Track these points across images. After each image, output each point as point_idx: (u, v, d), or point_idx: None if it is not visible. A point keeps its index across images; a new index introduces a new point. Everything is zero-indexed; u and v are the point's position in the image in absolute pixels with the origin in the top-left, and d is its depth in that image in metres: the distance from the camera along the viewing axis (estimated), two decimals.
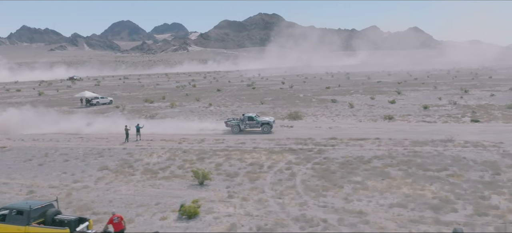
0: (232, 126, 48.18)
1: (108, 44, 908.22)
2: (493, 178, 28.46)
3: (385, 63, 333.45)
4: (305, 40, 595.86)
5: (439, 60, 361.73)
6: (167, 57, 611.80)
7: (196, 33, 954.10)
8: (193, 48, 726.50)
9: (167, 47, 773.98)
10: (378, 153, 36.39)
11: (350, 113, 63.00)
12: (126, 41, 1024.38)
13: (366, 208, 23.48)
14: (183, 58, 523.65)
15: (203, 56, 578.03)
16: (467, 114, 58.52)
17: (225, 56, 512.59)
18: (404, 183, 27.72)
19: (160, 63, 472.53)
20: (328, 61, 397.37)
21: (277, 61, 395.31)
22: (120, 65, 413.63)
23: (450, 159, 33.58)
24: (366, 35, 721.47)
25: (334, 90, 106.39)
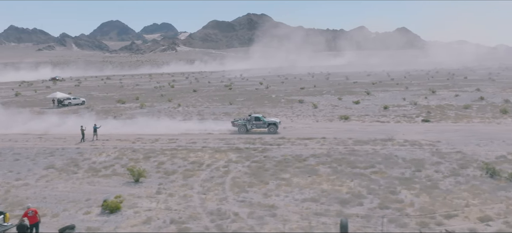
0: (239, 127, 48.29)
1: (97, 44, 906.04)
2: (412, 175, 30.26)
3: (371, 63, 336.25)
4: (293, 40, 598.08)
5: (423, 61, 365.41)
6: (155, 57, 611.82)
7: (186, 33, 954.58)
8: (182, 48, 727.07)
9: (156, 47, 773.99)
10: (317, 151, 38.10)
11: (311, 113, 64.74)
12: (115, 41, 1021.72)
13: (280, 203, 25.13)
14: (171, 58, 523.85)
15: (191, 56, 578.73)
16: (422, 114, 60.49)
17: (213, 57, 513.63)
18: (327, 180, 29.42)
19: (147, 63, 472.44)
20: (314, 61, 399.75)
21: (263, 61, 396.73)
22: (106, 65, 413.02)
23: (382, 157, 35.36)
24: (354, 35, 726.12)
25: (308, 90, 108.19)
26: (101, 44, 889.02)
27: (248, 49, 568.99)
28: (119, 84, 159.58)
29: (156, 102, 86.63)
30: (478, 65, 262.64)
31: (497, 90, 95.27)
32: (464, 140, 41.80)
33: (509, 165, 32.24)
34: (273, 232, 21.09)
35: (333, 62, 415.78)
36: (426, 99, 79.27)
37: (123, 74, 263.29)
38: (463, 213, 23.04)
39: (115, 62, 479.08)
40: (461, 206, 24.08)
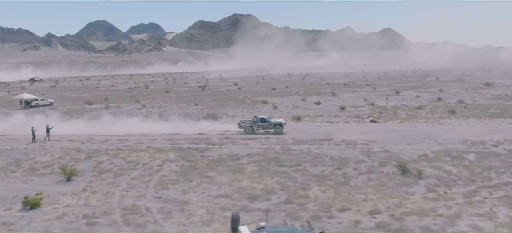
0: (245, 128, 48.82)
1: (83, 44, 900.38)
2: (331, 172, 32.12)
3: (353, 64, 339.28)
4: (278, 41, 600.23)
5: (405, 61, 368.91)
6: (141, 57, 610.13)
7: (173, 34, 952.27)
8: (168, 48, 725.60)
9: (142, 47, 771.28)
10: (255, 151, 39.82)
11: (269, 114, 66.37)
12: (101, 41, 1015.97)
13: (193, 199, 26.80)
14: (155, 58, 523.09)
15: (177, 56, 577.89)
16: (374, 115, 62.50)
17: (197, 57, 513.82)
18: (249, 177, 31.14)
19: (132, 63, 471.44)
20: (298, 62, 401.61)
21: (247, 62, 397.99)
22: (90, 66, 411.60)
23: (312, 156, 37.18)
24: (340, 36, 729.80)
25: (279, 91, 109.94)
26: (87, 44, 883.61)
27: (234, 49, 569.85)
28: (96, 85, 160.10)
29: (124, 103, 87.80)
30: (457, 66, 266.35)
31: (460, 91, 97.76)
32: (399, 139, 43.77)
33: (426, 163, 34.19)
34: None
35: (317, 62, 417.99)
36: (386, 100, 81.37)
37: (104, 75, 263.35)
38: (357, 207, 24.86)
39: (99, 63, 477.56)
40: (359, 201, 25.92)
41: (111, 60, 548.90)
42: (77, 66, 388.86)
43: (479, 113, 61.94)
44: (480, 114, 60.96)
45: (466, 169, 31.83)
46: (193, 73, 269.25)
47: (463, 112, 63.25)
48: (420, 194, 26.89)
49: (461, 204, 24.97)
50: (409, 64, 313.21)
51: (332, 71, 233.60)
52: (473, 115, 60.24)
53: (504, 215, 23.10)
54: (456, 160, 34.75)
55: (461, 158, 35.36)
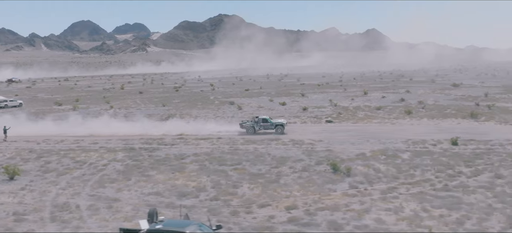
0: (247, 128, 49.43)
1: (67, 44, 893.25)
2: (267, 171, 33.55)
3: (335, 64, 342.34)
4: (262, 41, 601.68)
5: (386, 62, 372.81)
6: (126, 58, 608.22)
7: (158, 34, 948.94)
8: (153, 49, 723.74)
9: (126, 47, 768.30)
10: (203, 150, 41.17)
11: (231, 114, 67.79)
12: (86, 41, 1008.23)
13: (125, 196, 28.02)
14: (138, 59, 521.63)
15: (162, 57, 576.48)
16: (333, 115, 64.13)
17: (181, 58, 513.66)
18: (186, 176, 32.43)
19: (116, 64, 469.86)
20: (281, 62, 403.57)
21: (230, 62, 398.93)
22: (72, 66, 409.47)
23: (255, 155, 38.59)
24: (324, 36, 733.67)
25: (252, 92, 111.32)
26: (71, 45, 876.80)
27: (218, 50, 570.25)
28: (72, 86, 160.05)
29: (93, 104, 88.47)
30: (436, 67, 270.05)
31: (427, 92, 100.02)
32: (346, 139, 45.37)
33: (361, 161, 35.79)
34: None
35: (300, 63, 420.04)
36: (351, 101, 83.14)
37: (84, 76, 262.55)
38: (277, 203, 26.26)
39: (82, 63, 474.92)
40: (282, 197, 27.32)
41: (95, 61, 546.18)
42: (59, 67, 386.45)
43: (434, 113, 63.87)
44: (434, 114, 62.89)
45: (394, 167, 33.44)
46: (174, 73, 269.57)
47: (419, 112, 65.14)
48: (342, 191, 28.36)
49: (375, 199, 26.49)
50: (390, 65, 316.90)
51: (312, 72, 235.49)
52: (428, 115, 62.13)
53: (410, 210, 24.63)
54: (390, 158, 36.36)
55: (395, 156, 36.99)
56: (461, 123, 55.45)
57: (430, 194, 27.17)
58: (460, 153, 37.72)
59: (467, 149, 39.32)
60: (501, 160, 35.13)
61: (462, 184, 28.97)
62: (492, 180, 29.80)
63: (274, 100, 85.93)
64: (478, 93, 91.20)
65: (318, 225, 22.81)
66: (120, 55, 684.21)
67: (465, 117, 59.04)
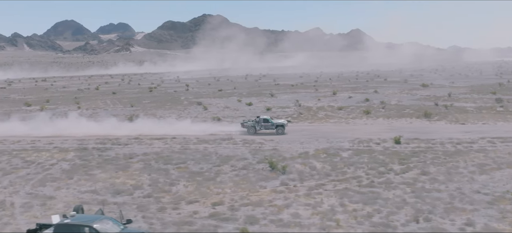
0: (248, 128, 50.19)
1: (50, 44, 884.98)
2: (208, 169, 34.75)
3: (317, 65, 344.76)
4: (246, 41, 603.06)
5: (368, 62, 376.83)
6: (109, 58, 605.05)
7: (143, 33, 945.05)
8: (136, 49, 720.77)
9: (110, 47, 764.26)
10: (153, 150, 42.22)
11: (195, 115, 68.88)
12: (69, 41, 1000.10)
13: (61, 194, 29.07)
14: (121, 59, 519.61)
15: (146, 57, 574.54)
16: (294, 115, 65.51)
17: (163, 58, 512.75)
18: (128, 174, 33.52)
19: (98, 64, 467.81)
20: (263, 62, 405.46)
21: (213, 62, 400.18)
22: (53, 66, 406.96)
23: (202, 154, 39.77)
24: (308, 36, 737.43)
25: (225, 92, 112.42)
26: (54, 45, 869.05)
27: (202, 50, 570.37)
28: (48, 87, 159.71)
29: (63, 105, 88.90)
30: (415, 67, 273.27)
31: (395, 92, 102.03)
32: (297, 138, 46.72)
33: (301, 160, 37.19)
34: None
35: (283, 63, 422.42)
36: (318, 101, 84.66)
37: (64, 76, 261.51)
38: (206, 200, 27.48)
39: (64, 63, 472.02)
40: (212, 194, 28.56)
41: (77, 61, 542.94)
42: (39, 67, 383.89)
43: (392, 113, 65.57)
44: (392, 114, 64.59)
45: (330, 165, 34.87)
46: (155, 74, 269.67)
47: (378, 112, 66.82)
48: (272, 188, 29.69)
49: (300, 196, 27.85)
50: (371, 65, 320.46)
51: (292, 72, 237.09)
52: (385, 115, 63.82)
53: (328, 205, 26.03)
54: (330, 157, 37.81)
55: (335, 155, 38.45)
56: (414, 122, 57.16)
57: (353, 190, 28.59)
58: (399, 152, 39.28)
59: (408, 148, 40.91)
60: (434, 158, 36.74)
61: (387, 181, 30.44)
62: (417, 176, 31.34)
63: (242, 101, 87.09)
64: (443, 93, 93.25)
65: (236, 220, 24.07)
66: (103, 55, 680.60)
67: (419, 117, 60.78)
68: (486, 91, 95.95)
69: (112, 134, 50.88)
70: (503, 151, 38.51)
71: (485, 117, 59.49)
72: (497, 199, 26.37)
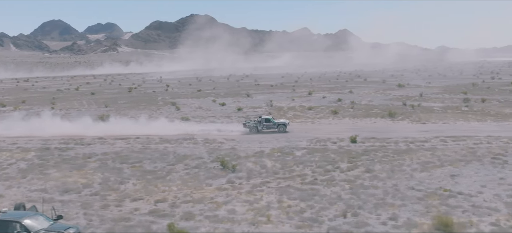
0: (250, 127, 50.87)
1: (37, 44, 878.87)
2: (162, 168, 35.64)
3: (303, 65, 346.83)
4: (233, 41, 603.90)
5: (354, 62, 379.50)
6: (96, 58, 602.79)
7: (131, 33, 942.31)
8: (124, 49, 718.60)
9: (98, 47, 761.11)
10: (114, 150, 43.04)
11: (167, 114, 69.73)
12: (57, 41, 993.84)
13: (11, 192, 29.84)
14: (108, 59, 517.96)
15: (133, 57, 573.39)
16: (262, 115, 66.37)
17: (150, 58, 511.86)
18: (82, 174, 34.31)
19: (85, 64, 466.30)
20: (250, 62, 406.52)
21: (200, 62, 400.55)
22: (38, 66, 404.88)
23: (160, 154, 40.66)
24: (296, 36, 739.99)
25: (203, 93, 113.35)
26: (41, 44, 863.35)
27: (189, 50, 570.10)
28: (29, 87, 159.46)
29: (38, 105, 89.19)
30: (399, 67, 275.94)
31: (370, 92, 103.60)
32: (257, 138, 47.80)
33: (255, 158, 38.23)
34: None
35: (270, 63, 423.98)
36: (292, 101, 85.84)
37: (47, 76, 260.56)
38: (150, 197, 28.37)
39: (50, 63, 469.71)
40: (158, 192, 29.46)
41: (63, 61, 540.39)
42: (25, 67, 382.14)
43: (359, 113, 66.89)
44: (358, 114, 65.89)
45: (281, 164, 35.93)
46: (139, 74, 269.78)
47: (346, 112, 68.14)
48: (217, 185, 30.65)
49: (242, 193, 28.85)
50: (356, 65, 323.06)
51: (277, 72, 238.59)
52: (352, 115, 65.11)
53: (265, 201, 27.05)
54: (284, 156, 38.90)
55: (289, 154, 39.54)
56: (377, 122, 58.50)
57: (295, 188, 29.63)
58: (352, 150, 40.47)
59: (362, 147, 42.13)
60: (384, 156, 37.96)
61: (330, 178, 31.56)
62: (361, 174, 32.49)
63: (216, 101, 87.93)
64: (416, 93, 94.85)
65: (173, 216, 24.99)
66: (90, 55, 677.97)
67: (384, 116, 62.10)
68: (458, 91, 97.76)
69: (81, 134, 51.36)
70: (451, 150, 39.82)
71: (448, 117, 60.98)
72: (428, 195, 27.51)
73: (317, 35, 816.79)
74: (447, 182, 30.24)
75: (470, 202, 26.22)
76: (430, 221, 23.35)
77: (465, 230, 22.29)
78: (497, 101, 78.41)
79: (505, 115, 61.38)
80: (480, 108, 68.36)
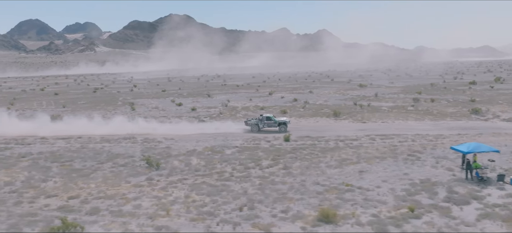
0: (251, 125, 51.87)
1: (13, 44, 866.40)
2: (90, 166, 36.74)
3: (278, 65, 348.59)
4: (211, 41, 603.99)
5: (329, 62, 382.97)
6: (73, 58, 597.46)
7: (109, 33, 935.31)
8: (101, 48, 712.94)
9: (75, 47, 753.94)
10: (52, 149, 43.95)
11: (120, 113, 70.57)
12: (34, 40, 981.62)
13: None
14: (84, 59, 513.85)
15: (110, 57, 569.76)
16: (213, 115, 67.93)
17: (127, 58, 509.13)
18: (9, 172, 35.29)
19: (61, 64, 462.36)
20: (227, 62, 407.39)
21: (177, 62, 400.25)
22: (11, 66, 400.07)
23: (94, 153, 41.78)
24: (275, 36, 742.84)
25: (168, 93, 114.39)
26: (18, 44, 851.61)
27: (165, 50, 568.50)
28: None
29: None
30: (372, 67, 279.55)
31: (329, 92, 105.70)
32: (197, 137, 49.06)
33: (184, 156, 39.58)
34: None
35: (246, 63, 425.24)
36: (249, 101, 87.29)
37: (19, 76, 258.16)
38: (65, 194, 29.51)
39: (25, 63, 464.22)
40: (76, 189, 30.60)
41: (39, 61, 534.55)
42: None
43: (308, 112, 68.71)
44: (307, 113, 67.70)
45: (206, 162, 37.35)
46: (113, 74, 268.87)
47: (296, 112, 69.92)
48: (136, 182, 31.90)
49: (155, 189, 30.18)
50: (331, 65, 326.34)
51: (250, 72, 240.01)
52: (300, 114, 66.89)
53: (174, 197, 28.43)
54: (213, 154, 40.35)
55: (219, 152, 41.00)
56: (320, 121, 60.34)
57: (208, 184, 31.07)
58: (282, 148, 42.10)
59: (293, 145, 43.78)
60: (309, 154, 39.68)
61: (246, 175, 33.08)
62: (277, 171, 34.10)
63: (175, 101, 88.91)
64: (372, 93, 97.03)
65: (79, 211, 26.23)
66: (67, 55, 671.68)
67: (330, 116, 63.96)
68: (414, 91, 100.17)
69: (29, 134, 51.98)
70: (375, 147, 41.73)
71: (390, 116, 63.11)
72: (329, 190, 29.20)
73: (296, 35, 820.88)
74: (353, 177, 31.95)
75: (364, 195, 27.94)
76: (315, 213, 25.01)
77: (346, 221, 23.93)
78: (447, 101, 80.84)
79: (445, 114, 63.71)
80: (425, 108, 70.62)
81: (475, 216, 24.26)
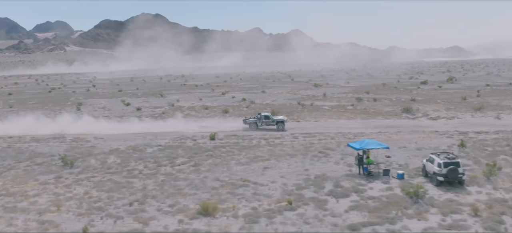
0: (250, 124, 52.97)
1: None
2: (7, 165, 37.49)
3: (247, 64, 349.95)
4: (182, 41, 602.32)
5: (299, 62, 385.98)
6: (43, 57, 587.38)
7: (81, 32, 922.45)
8: (72, 48, 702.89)
9: (45, 46, 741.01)
10: None
11: (71, 111, 71.09)
12: (3, 39, 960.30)
13: None
14: (53, 58, 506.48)
15: (80, 56, 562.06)
16: (156, 114, 68.94)
17: (96, 57, 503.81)
18: None
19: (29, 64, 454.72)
20: (197, 62, 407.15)
21: (147, 62, 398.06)
22: None
23: (17, 152, 42.61)
24: (247, 36, 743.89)
25: (124, 93, 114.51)
26: None
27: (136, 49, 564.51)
28: None
29: None
30: (338, 67, 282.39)
31: (282, 92, 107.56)
32: (129, 137, 50.03)
33: (105, 155, 40.70)
34: None
35: (217, 63, 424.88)
36: (199, 101, 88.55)
37: None
38: None
39: None
40: None
41: (6, 60, 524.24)
42: None
43: (251, 112, 70.07)
44: (249, 113, 68.98)
45: (122, 160, 38.57)
46: (79, 74, 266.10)
47: (238, 111, 71.61)
48: (43, 180, 32.91)
49: (59, 186, 31.34)
50: (299, 65, 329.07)
51: (215, 72, 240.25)
52: (240, 114, 68.25)
53: (74, 193, 29.59)
54: (134, 152, 41.57)
55: (140, 151, 42.27)
56: None
57: (113, 181, 32.30)
58: (203, 147, 43.58)
59: (217, 143, 45.27)
60: (226, 152, 41.29)
61: (155, 172, 34.47)
62: (186, 168, 35.59)
63: (125, 101, 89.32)
64: (322, 93, 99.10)
65: None
66: (37, 54, 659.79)
67: None
68: (364, 90, 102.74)
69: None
70: (292, 145, 43.57)
71: (326, 115, 65.17)
72: (225, 185, 30.77)
73: (268, 35, 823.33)
74: (255, 174, 33.59)
75: (254, 190, 29.57)
76: (194, 204, 26.50)
77: (224, 214, 25.48)
78: (389, 100, 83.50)
79: (379, 113, 66.16)
80: (363, 107, 72.96)
81: (345, 208, 26.05)
